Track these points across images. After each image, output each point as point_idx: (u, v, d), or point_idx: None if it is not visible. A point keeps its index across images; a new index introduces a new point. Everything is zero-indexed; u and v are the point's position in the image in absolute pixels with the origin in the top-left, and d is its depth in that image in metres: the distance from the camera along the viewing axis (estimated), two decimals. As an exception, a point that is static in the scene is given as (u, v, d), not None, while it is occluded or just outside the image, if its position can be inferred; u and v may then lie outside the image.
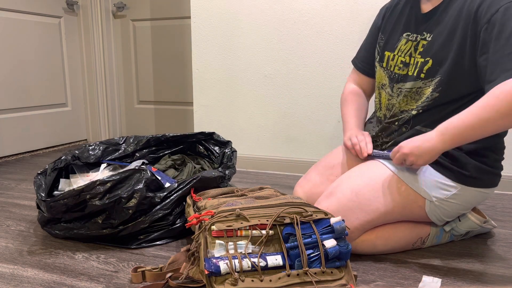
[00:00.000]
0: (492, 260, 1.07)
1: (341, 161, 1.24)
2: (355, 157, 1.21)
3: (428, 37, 1.06)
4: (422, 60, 1.06)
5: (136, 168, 1.16)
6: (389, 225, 1.08)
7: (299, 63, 1.89)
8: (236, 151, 1.48)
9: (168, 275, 0.92)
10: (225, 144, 1.53)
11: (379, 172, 1.06)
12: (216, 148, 1.55)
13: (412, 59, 1.09)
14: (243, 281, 0.82)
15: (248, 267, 0.83)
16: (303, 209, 0.90)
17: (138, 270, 0.94)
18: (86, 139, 2.89)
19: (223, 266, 0.81)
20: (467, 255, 1.09)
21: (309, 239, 0.87)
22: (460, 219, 1.13)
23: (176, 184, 1.19)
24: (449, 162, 1.03)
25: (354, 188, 1.04)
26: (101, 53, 2.75)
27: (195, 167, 1.51)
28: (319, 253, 0.86)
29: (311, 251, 0.86)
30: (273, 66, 1.93)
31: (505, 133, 1.08)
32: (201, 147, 1.58)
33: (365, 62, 1.31)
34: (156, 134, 1.94)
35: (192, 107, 2.69)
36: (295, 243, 0.86)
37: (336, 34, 1.81)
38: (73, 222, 1.16)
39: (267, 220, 0.88)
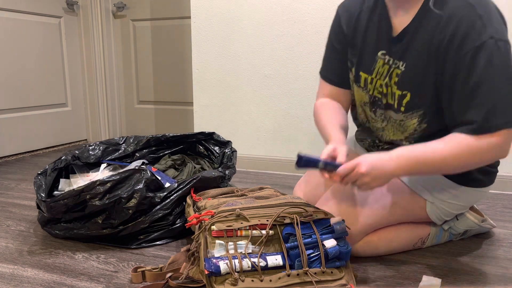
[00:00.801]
0: (492, 260, 1.07)
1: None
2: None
3: (401, 66, 0.96)
4: (400, 92, 0.98)
5: (136, 168, 1.16)
6: (391, 227, 1.07)
7: (299, 63, 1.89)
8: (236, 151, 1.48)
9: (168, 275, 0.92)
10: (225, 144, 1.53)
11: None
12: (216, 148, 1.55)
13: (389, 88, 1.00)
14: (243, 281, 0.82)
15: (248, 267, 0.83)
16: (303, 209, 0.90)
17: (138, 270, 0.94)
18: (86, 139, 2.89)
19: (223, 266, 0.81)
20: (467, 255, 1.09)
21: (309, 239, 0.87)
22: (458, 218, 1.13)
23: (176, 184, 1.19)
24: None
25: (355, 192, 1.03)
26: (101, 53, 2.75)
27: (195, 167, 1.51)
28: (319, 253, 0.86)
29: (311, 251, 0.86)
30: (273, 66, 1.93)
31: None
32: (201, 147, 1.58)
33: (337, 73, 1.13)
34: (156, 134, 1.94)
35: (192, 107, 2.69)
36: (295, 243, 0.86)
37: (336, 34, 1.81)
38: (73, 222, 1.16)
39: (267, 220, 0.88)
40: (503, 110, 0.84)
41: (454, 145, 0.86)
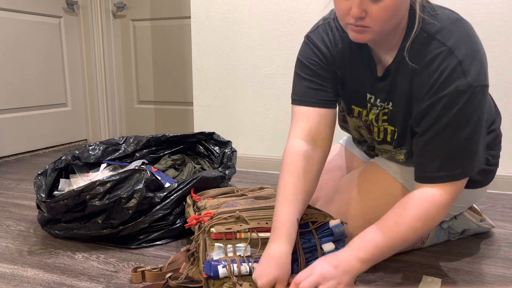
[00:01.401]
0: (492, 260, 1.07)
1: (339, 164, 1.23)
2: (353, 160, 1.20)
3: (388, 105, 0.92)
4: (392, 128, 0.94)
5: (136, 168, 1.16)
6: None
7: (299, 63, 1.89)
8: (236, 151, 1.48)
9: (168, 275, 0.92)
10: (225, 144, 1.53)
11: (380, 178, 1.02)
12: (216, 148, 1.55)
13: (380, 122, 0.96)
14: (241, 285, 0.82)
15: (247, 271, 0.83)
16: None
17: (138, 270, 0.94)
18: (86, 139, 2.89)
19: (221, 270, 0.81)
20: (467, 255, 1.09)
21: (308, 243, 0.86)
22: (456, 217, 1.13)
23: (176, 184, 1.19)
24: None
25: (355, 197, 1.01)
26: (101, 53, 2.75)
27: (195, 167, 1.51)
28: (318, 257, 0.85)
29: (309, 254, 0.86)
30: (273, 66, 1.93)
31: (498, 124, 1.04)
32: (201, 147, 1.58)
33: (311, 95, 0.95)
34: (156, 134, 1.94)
35: (192, 107, 2.69)
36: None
37: (336, 34, 1.81)
38: (73, 222, 1.16)
39: (267, 223, 0.88)
40: (464, 160, 0.80)
41: (417, 208, 0.81)
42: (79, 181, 1.31)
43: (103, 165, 1.40)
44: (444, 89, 0.79)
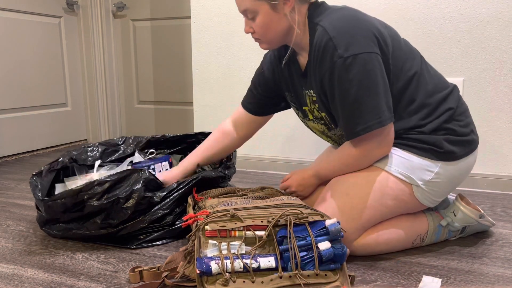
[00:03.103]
0: (492, 260, 1.07)
1: None
2: None
3: (313, 93, 1.10)
4: (324, 114, 1.11)
5: (134, 168, 1.16)
6: (388, 224, 1.08)
7: (299, 63, 1.89)
8: (235, 151, 1.47)
9: (164, 274, 0.92)
10: (225, 144, 1.53)
11: (365, 170, 1.07)
12: (216, 148, 1.54)
13: (318, 113, 1.14)
14: (234, 281, 0.82)
15: (240, 268, 0.83)
16: (299, 211, 0.90)
17: (136, 270, 0.94)
18: (86, 139, 2.89)
19: (214, 266, 0.82)
20: (467, 255, 1.09)
21: (304, 241, 0.86)
22: (455, 214, 1.13)
23: (176, 184, 1.19)
24: (421, 144, 1.04)
25: (344, 190, 1.05)
26: (101, 53, 2.75)
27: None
28: (313, 256, 0.85)
29: (305, 253, 0.86)
30: (273, 66, 1.93)
31: (455, 96, 1.09)
32: (201, 147, 1.58)
33: (254, 103, 1.27)
34: (156, 134, 1.94)
35: (192, 107, 2.69)
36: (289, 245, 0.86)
37: (336, 34, 1.81)
38: (71, 223, 1.16)
39: (262, 221, 0.88)
40: (356, 121, 0.98)
41: (342, 155, 1.07)
42: (78, 182, 1.31)
43: (97, 163, 1.38)
44: (324, 64, 0.99)
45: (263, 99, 1.26)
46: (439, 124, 1.05)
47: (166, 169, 1.38)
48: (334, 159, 1.09)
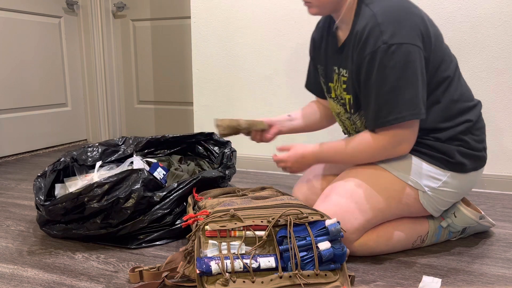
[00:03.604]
0: (492, 260, 1.07)
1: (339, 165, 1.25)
2: None
3: (345, 73, 1.08)
4: (348, 97, 1.10)
5: (133, 168, 1.16)
6: (389, 224, 1.08)
7: (298, 63, 1.89)
8: (235, 151, 1.48)
9: (164, 274, 0.92)
10: (225, 144, 1.53)
11: (371, 170, 1.06)
12: (216, 148, 1.55)
13: (343, 94, 1.12)
14: (234, 281, 0.82)
15: (240, 268, 0.83)
16: (299, 211, 0.90)
17: (136, 270, 0.94)
18: (86, 139, 2.89)
19: (214, 266, 0.82)
20: (467, 255, 1.09)
21: (304, 241, 0.86)
22: (455, 215, 1.13)
23: (176, 184, 1.19)
24: (433, 152, 1.04)
25: (348, 189, 1.04)
26: (101, 53, 2.75)
27: (194, 168, 1.51)
28: (313, 256, 0.85)
29: (305, 253, 0.86)
30: (273, 66, 1.93)
31: (477, 111, 1.09)
32: (200, 148, 1.58)
33: (310, 82, 1.32)
34: (156, 134, 1.94)
35: (192, 107, 2.69)
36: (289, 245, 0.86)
37: (336, 34, 1.81)
38: (71, 223, 1.16)
39: (262, 221, 0.88)
40: (390, 109, 0.97)
41: (358, 142, 1.04)
42: (78, 182, 1.31)
43: (98, 163, 1.38)
44: (366, 47, 0.98)
45: (314, 71, 1.28)
46: (456, 134, 1.04)
47: (164, 174, 1.37)
48: (346, 145, 1.06)
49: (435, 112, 1.04)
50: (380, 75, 0.96)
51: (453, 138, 1.05)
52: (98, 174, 1.32)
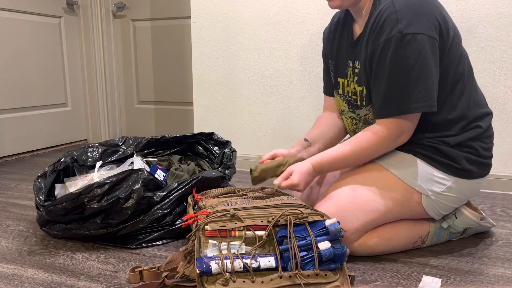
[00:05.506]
0: (492, 260, 1.07)
1: None
2: None
3: (358, 65, 1.09)
4: (360, 88, 1.09)
5: (133, 168, 1.16)
6: (390, 225, 1.07)
7: (299, 63, 1.89)
8: (235, 150, 1.47)
9: (164, 274, 0.92)
10: (225, 144, 1.53)
11: (375, 171, 1.06)
12: (216, 148, 1.55)
13: (355, 86, 1.12)
14: (234, 281, 0.82)
15: (240, 268, 0.83)
16: (299, 211, 0.90)
17: (136, 270, 0.94)
18: (86, 139, 2.89)
19: (214, 266, 0.82)
20: (467, 255, 1.09)
21: (304, 241, 0.86)
22: (456, 216, 1.13)
23: (176, 184, 1.19)
24: (440, 156, 1.04)
25: (351, 190, 1.04)
26: (101, 53, 2.75)
27: (194, 168, 1.51)
28: (313, 255, 0.85)
29: (305, 253, 0.86)
30: (273, 66, 1.93)
31: (489, 119, 1.09)
32: (200, 148, 1.58)
33: (328, 85, 1.31)
34: (156, 134, 1.94)
35: (192, 107, 2.69)
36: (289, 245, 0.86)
37: (336, 34, 1.81)
38: (72, 223, 1.16)
39: (262, 221, 0.88)
40: (401, 100, 0.96)
41: (360, 140, 1.03)
42: (78, 182, 1.31)
43: (98, 164, 1.38)
44: (381, 34, 0.96)
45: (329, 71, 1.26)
46: (465, 140, 1.04)
47: (163, 175, 1.37)
48: (347, 147, 1.04)
49: (448, 116, 1.03)
50: (394, 64, 0.96)
51: (462, 144, 1.04)
52: (98, 174, 1.32)
